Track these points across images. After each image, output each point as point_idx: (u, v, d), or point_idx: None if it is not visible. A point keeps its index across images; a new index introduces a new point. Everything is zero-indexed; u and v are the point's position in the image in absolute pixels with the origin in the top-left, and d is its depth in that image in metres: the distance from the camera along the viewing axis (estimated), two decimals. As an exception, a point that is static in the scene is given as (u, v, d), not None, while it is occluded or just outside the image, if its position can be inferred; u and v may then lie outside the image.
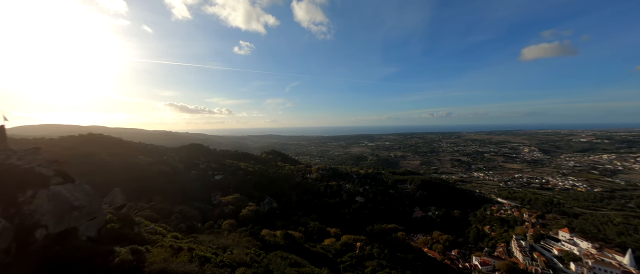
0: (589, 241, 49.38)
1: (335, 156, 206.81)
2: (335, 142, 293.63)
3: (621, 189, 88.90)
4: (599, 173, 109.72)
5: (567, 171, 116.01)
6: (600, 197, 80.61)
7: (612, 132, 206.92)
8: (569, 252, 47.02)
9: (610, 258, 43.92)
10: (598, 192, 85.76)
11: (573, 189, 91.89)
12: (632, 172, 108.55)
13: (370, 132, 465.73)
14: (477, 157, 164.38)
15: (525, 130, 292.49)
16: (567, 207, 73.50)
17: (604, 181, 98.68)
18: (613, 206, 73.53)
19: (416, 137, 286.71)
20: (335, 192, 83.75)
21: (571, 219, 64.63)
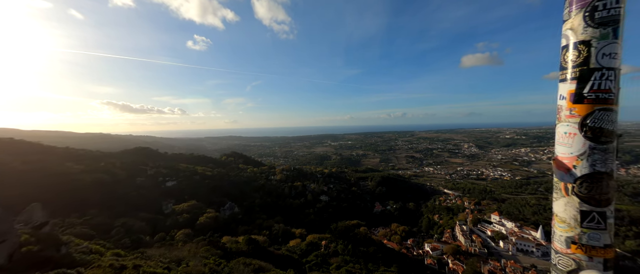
0: (513, 221, 59.11)
1: (300, 156, 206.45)
2: (300, 142, 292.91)
3: (534, 176, 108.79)
4: (519, 164, 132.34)
5: (496, 163, 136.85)
6: (520, 184, 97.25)
7: (528, 130, 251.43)
8: (498, 232, 55.53)
9: (527, 234, 53.31)
10: (518, 179, 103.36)
11: (500, 178, 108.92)
12: (542, 162, 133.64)
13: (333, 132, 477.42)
14: (428, 154, 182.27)
15: (465, 129, 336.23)
16: (496, 194, 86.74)
17: (522, 171, 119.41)
18: (529, 191, 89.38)
19: (376, 136, 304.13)
20: (300, 193, 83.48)
21: (500, 204, 76.43)
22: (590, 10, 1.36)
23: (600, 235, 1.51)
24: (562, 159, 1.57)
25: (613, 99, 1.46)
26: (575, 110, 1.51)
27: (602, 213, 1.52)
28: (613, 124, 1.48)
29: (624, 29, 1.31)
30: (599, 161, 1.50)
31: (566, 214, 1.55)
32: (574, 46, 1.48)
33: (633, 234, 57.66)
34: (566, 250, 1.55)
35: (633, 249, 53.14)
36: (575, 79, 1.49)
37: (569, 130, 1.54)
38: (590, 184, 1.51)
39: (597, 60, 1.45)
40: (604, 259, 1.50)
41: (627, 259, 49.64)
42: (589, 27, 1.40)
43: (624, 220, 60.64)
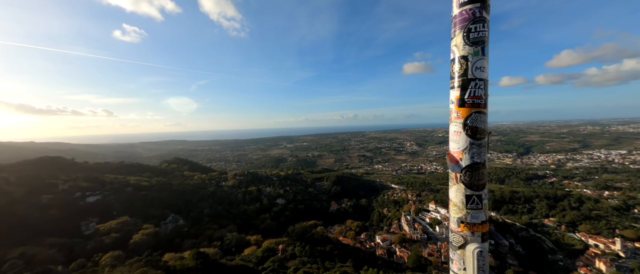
0: (446, 208, 68.71)
1: (254, 159, 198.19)
2: (254, 145, 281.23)
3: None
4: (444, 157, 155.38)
5: (432, 159, 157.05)
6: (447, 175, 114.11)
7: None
8: (435, 218, 63.72)
9: (457, 217, 62.68)
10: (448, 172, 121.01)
11: (436, 171, 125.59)
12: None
13: (289, 133, 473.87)
14: (377, 152, 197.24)
15: (408, 128, 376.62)
16: (433, 185, 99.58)
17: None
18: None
19: (330, 137, 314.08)
20: (255, 198, 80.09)
21: (436, 194, 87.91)
22: (467, 32, 1.67)
23: (479, 214, 1.62)
24: (453, 153, 1.67)
25: (483, 104, 1.59)
26: (460, 112, 1.61)
27: (480, 195, 1.61)
28: (484, 123, 1.61)
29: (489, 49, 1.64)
30: (476, 153, 1.61)
31: (457, 199, 1.66)
32: (458, 60, 1.61)
33: (526, 210, 73.40)
34: (457, 229, 1.67)
35: (527, 222, 67.49)
36: (459, 87, 1.61)
37: (457, 129, 1.64)
38: (471, 173, 1.60)
39: (472, 73, 1.60)
40: (482, 233, 1.63)
41: (523, 231, 62.84)
42: (467, 45, 1.69)
43: (521, 200, 76.85)
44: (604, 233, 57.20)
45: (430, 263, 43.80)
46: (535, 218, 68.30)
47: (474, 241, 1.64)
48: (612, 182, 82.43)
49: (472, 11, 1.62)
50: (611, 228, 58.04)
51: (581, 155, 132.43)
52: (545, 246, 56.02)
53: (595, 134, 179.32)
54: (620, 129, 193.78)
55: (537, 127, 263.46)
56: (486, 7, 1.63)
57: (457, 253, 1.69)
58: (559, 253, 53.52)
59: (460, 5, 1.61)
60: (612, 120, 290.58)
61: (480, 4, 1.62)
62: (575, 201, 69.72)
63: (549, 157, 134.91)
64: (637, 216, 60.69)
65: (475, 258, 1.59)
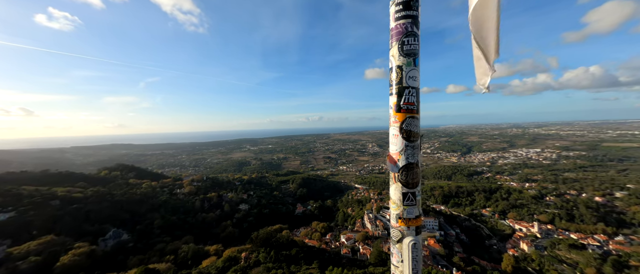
0: (404, 204, 74.20)
1: (215, 163, 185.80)
2: (214, 148, 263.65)
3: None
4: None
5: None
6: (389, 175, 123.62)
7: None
8: (394, 214, 68.32)
9: (413, 212, 68.03)
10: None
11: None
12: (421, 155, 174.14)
13: (253, 136, 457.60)
14: (342, 154, 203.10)
15: (370, 131, 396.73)
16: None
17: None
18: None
19: (296, 139, 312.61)
20: (215, 205, 75.00)
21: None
22: (401, 44, 1.83)
23: (413, 209, 1.77)
24: (392, 155, 1.80)
25: (416, 110, 1.75)
26: (397, 117, 1.75)
27: (414, 192, 1.76)
28: (417, 127, 1.77)
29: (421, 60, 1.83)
30: (410, 154, 1.73)
31: (395, 196, 1.79)
32: (394, 69, 1.73)
33: (469, 202, 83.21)
34: (396, 224, 1.80)
35: (469, 213, 76.56)
36: (396, 94, 1.72)
37: (395, 132, 1.77)
38: (407, 172, 1.73)
39: (407, 81, 1.71)
40: (416, 226, 1.79)
41: (467, 221, 71.20)
42: (401, 56, 1.84)
43: (464, 193, 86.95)
44: (526, 218, 68.31)
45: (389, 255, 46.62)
46: (476, 208, 78.19)
47: (409, 235, 1.79)
48: (531, 175, 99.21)
49: (405, 26, 1.71)
50: (531, 213, 69.69)
51: (509, 153, 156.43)
52: (483, 233, 64.46)
53: (519, 135, 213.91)
54: (536, 131, 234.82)
55: (476, 129, 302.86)
56: (417, 23, 1.76)
57: (396, 247, 1.83)
58: (493, 238, 62.10)
59: (395, 19, 1.71)
60: (530, 123, 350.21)
61: (411, 20, 1.73)
62: (505, 193, 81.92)
63: (485, 156, 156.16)
64: (548, 202, 73.96)
65: (410, 250, 1.74)
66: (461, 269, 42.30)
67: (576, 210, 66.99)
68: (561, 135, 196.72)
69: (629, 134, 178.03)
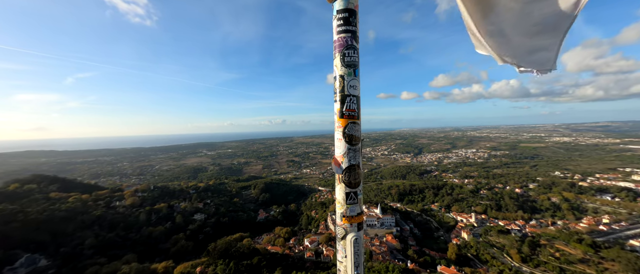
0: (364, 205, 77.62)
1: (164, 171, 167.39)
2: (164, 153, 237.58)
3: (375, 168, 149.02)
4: (366, 160, 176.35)
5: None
6: (367, 175, 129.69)
7: (370, 134, 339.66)
8: (356, 214, 71.03)
9: (372, 212, 71.63)
10: (366, 172, 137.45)
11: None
12: (377, 158, 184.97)
13: (211, 140, 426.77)
14: (305, 157, 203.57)
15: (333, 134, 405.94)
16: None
17: (368, 165, 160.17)
18: (372, 179, 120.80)
19: (258, 143, 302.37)
20: (165, 217, 67.47)
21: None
22: (343, 56, 1.99)
23: (355, 207, 1.92)
24: (336, 157, 1.92)
25: (357, 116, 1.91)
26: (340, 123, 1.88)
27: (356, 192, 1.91)
28: (358, 132, 1.93)
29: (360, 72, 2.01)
30: (352, 157, 1.88)
31: (340, 196, 1.92)
32: (338, 78, 1.86)
33: (420, 199, 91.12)
34: (340, 223, 1.93)
35: (421, 209, 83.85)
36: (339, 101, 1.85)
37: (339, 136, 1.90)
38: (349, 173, 1.87)
39: (348, 90, 1.86)
40: (357, 223, 1.94)
41: (419, 216, 77.95)
42: (343, 66, 2.00)
43: (417, 191, 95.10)
44: (466, 210, 78.07)
45: (352, 256, 48.22)
46: (426, 204, 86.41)
47: (352, 231, 1.93)
48: (469, 172, 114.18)
49: (345, 39, 1.86)
50: (469, 206, 79.96)
51: (452, 153, 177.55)
52: (433, 226, 71.52)
53: (459, 137, 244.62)
54: (472, 134, 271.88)
55: (426, 132, 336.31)
56: (356, 37, 1.93)
57: (340, 244, 1.95)
58: (441, 230, 69.34)
59: (337, 32, 1.85)
60: (468, 127, 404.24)
61: (351, 34, 1.89)
62: (449, 189, 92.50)
63: (433, 156, 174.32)
64: (482, 195, 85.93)
65: (351, 244, 1.88)
66: (414, 261, 46.04)
67: (503, 201, 79.29)
68: (490, 137, 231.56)
69: (538, 136, 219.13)
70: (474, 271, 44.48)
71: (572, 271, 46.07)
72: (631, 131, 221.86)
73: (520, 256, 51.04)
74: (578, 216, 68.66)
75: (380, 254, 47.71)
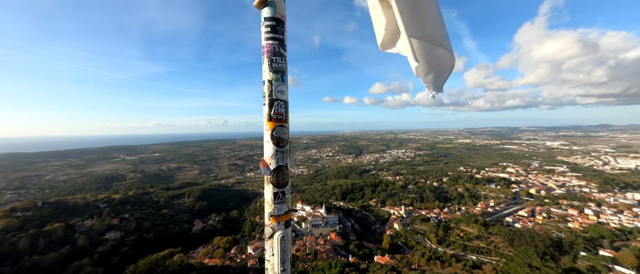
0: (309, 205, 79.06)
1: (60, 182, 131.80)
2: (59, 159, 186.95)
3: (320, 169, 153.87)
4: (312, 161, 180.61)
5: (299, 163, 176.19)
6: (313, 176, 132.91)
7: (316, 136, 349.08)
8: (301, 216, 71.58)
9: (317, 212, 73.63)
10: (312, 173, 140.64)
11: (301, 174, 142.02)
12: (323, 159, 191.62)
13: (131, 142, 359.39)
14: (249, 160, 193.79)
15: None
16: (299, 186, 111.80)
17: (313, 166, 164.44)
18: (317, 181, 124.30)
19: (194, 145, 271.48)
20: (60, 240, 53.11)
21: (302, 194, 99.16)
22: (270, 61, 2.06)
23: (282, 206, 2.01)
24: (265, 159, 1.97)
25: (284, 119, 2.01)
26: (268, 126, 1.94)
27: (283, 191, 2.00)
28: (286, 135, 2.04)
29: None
30: (280, 158, 1.97)
31: (268, 196, 1.98)
32: (266, 82, 1.92)
33: (361, 196, 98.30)
34: (268, 222, 1.99)
35: (361, 205, 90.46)
36: (268, 105, 1.91)
37: (267, 139, 1.96)
38: (277, 174, 1.95)
39: (276, 94, 1.94)
40: (285, 221, 2.04)
41: (359, 212, 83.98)
42: (271, 71, 2.07)
43: (358, 189, 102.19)
44: (397, 204, 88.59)
45: (298, 257, 48.35)
46: (365, 201, 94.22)
47: (279, 229, 2.02)
48: (400, 170, 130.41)
49: (273, 46, 1.95)
50: (400, 199, 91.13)
51: (386, 154, 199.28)
52: (371, 221, 78.43)
53: (392, 139, 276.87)
54: (402, 136, 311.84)
55: (365, 135, 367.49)
56: (283, 45, 2.05)
57: (268, 243, 2.02)
58: (377, 224, 76.68)
59: (265, 39, 1.92)
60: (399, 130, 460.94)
61: (278, 42, 2.00)
62: (384, 186, 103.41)
63: (371, 156, 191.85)
64: (410, 189, 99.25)
65: (278, 242, 1.97)
66: (355, 255, 49.41)
67: (424, 193, 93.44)
68: (416, 139, 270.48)
69: (449, 138, 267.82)
70: (403, 257, 50.89)
71: (471, 246, 57.91)
72: (507, 134, 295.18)
73: (437, 239, 61.17)
74: (475, 202, 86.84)
75: (324, 252, 49.39)
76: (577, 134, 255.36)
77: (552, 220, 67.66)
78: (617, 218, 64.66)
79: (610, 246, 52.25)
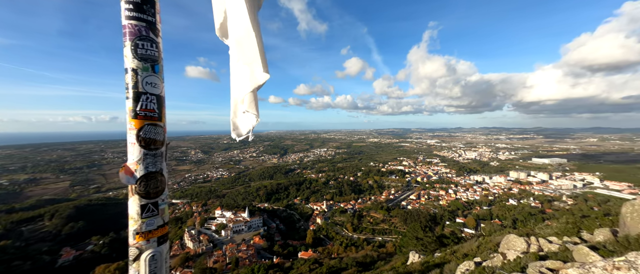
0: (231, 210, 73.02)
1: None
2: None
3: (243, 171, 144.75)
4: (234, 163, 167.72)
5: (218, 165, 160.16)
6: (235, 179, 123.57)
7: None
8: (220, 223, 65.22)
9: (240, 217, 68.94)
10: (233, 176, 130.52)
11: (221, 177, 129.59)
12: (246, 160, 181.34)
13: None
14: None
15: (192, 135, 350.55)
16: (219, 191, 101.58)
17: (235, 168, 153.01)
18: (240, 183, 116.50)
19: (62, 148, 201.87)
20: None
21: (222, 200, 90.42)
22: (135, 46, 1.65)
23: (154, 220, 1.68)
24: (128, 165, 1.61)
25: (157, 117, 1.68)
26: (133, 124, 1.62)
27: (155, 202, 1.67)
28: (160, 135, 1.71)
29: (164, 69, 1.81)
30: (151, 163, 1.63)
31: (133, 211, 1.61)
32: (130, 71, 1.61)
33: (286, 195, 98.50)
34: (133, 242, 1.61)
35: (286, 205, 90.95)
36: (132, 99, 1.61)
37: (132, 140, 1.62)
38: (147, 182, 1.61)
39: (143, 87, 1.60)
40: (158, 237, 1.71)
41: (284, 212, 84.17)
42: (136, 59, 1.67)
43: (283, 189, 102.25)
44: (320, 200, 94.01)
45: (216, 270, 43.81)
46: (290, 200, 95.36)
47: (149, 248, 1.68)
48: (322, 168, 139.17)
49: (137, 27, 1.63)
50: (322, 195, 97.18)
51: (310, 153, 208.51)
52: (295, 218, 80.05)
53: (316, 139, 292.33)
54: (325, 136, 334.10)
55: (290, 134, 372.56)
56: (154, 30, 1.71)
57: (133, 267, 1.64)
58: (302, 221, 79.05)
59: (125, 18, 1.61)
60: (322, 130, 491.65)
61: (146, 24, 1.66)
62: (308, 183, 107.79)
63: (296, 156, 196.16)
64: (331, 185, 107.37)
65: (147, 264, 1.64)
66: (280, 255, 49.22)
67: (343, 187, 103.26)
68: (336, 139, 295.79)
69: (362, 138, 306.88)
70: (325, 249, 54.56)
71: (378, 229, 68.24)
72: (402, 134, 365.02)
73: (353, 227, 68.82)
74: (381, 192, 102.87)
75: (247, 258, 46.88)
76: (444, 134, 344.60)
77: (430, 200, 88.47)
78: (466, 194, 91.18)
79: (462, 215, 73.16)
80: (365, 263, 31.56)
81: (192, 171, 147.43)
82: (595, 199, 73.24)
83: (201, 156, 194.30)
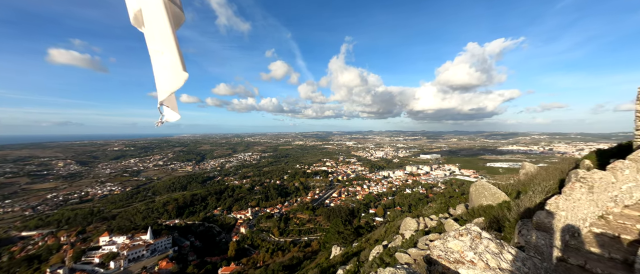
0: (125, 234, 58.21)
1: None
2: None
3: (143, 183, 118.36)
4: (129, 175, 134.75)
5: (104, 179, 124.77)
6: (131, 194, 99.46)
7: (136, 141, 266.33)
8: (108, 253, 50.94)
9: (139, 240, 55.97)
10: (129, 190, 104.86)
11: (110, 194, 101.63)
12: (149, 170, 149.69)
13: None
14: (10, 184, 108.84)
15: (59, 142, 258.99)
16: (106, 212, 79.14)
17: (132, 181, 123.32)
18: (139, 199, 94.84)
19: None
20: None
21: (110, 222, 70.86)
22: None
23: None
24: None
25: None
26: None
27: None
28: None
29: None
30: None
31: None
32: None
33: (203, 207, 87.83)
34: None
35: (203, 218, 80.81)
36: None
37: None
38: None
39: None
40: None
41: (201, 226, 74.56)
42: None
43: (199, 200, 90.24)
44: (244, 207, 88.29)
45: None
46: (209, 211, 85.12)
47: None
48: (247, 173, 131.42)
49: None
50: (247, 202, 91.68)
51: (233, 158, 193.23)
52: (215, 231, 72.05)
53: (239, 143, 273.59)
54: (249, 139, 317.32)
55: (208, 138, 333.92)
56: None
57: None
58: (223, 233, 71.91)
59: None
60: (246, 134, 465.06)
61: None
62: (231, 191, 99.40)
63: (216, 162, 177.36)
64: (256, 191, 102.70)
65: None
66: (195, 277, 43.03)
67: (269, 192, 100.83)
68: (261, 142, 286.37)
69: (288, 141, 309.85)
70: (249, 259, 51.53)
71: (304, 229, 70.31)
72: (325, 137, 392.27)
73: (279, 232, 68.13)
74: (307, 193, 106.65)
75: (149, 290, 38.54)
76: (359, 137, 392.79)
77: (349, 196, 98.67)
78: (376, 188, 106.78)
79: (374, 206, 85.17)
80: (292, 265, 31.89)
81: (59, 188, 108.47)
82: (456, 183, 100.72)
83: (76, 168, 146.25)
